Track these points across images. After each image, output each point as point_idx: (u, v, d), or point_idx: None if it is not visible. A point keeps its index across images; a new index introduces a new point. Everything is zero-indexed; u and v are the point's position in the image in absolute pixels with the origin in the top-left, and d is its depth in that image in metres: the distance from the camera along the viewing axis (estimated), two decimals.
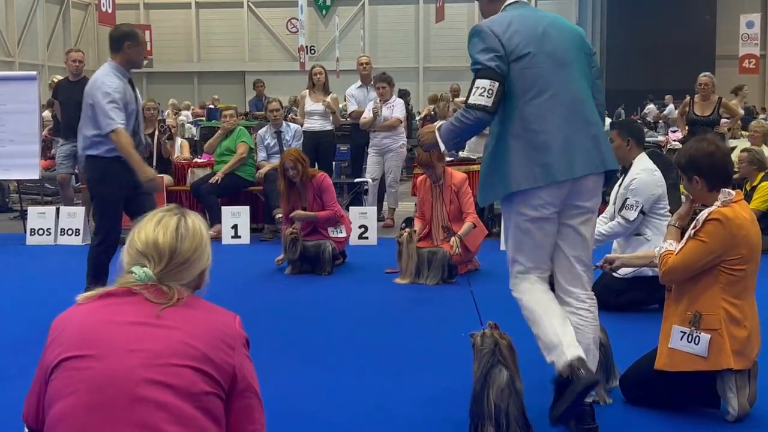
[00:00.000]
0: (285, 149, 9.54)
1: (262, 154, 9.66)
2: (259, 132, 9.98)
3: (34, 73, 10.25)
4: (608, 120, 19.76)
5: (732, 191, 3.70)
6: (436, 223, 7.28)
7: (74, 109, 9.18)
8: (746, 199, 5.89)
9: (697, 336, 3.63)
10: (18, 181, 10.94)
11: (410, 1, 34.25)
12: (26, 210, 9.60)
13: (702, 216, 3.68)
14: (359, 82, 10.69)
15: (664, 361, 3.73)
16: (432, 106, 15.61)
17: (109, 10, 23.40)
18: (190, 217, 2.27)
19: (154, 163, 9.86)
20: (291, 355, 4.79)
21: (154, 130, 9.92)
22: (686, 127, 10.46)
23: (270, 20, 35.02)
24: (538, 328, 3.56)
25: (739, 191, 3.83)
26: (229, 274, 6.80)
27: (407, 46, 34.52)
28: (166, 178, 9.67)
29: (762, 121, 11.58)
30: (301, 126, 10.16)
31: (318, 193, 7.51)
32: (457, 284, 6.79)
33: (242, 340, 2.20)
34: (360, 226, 8.68)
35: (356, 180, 10.35)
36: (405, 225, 7.78)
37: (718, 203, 3.67)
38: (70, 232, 9.13)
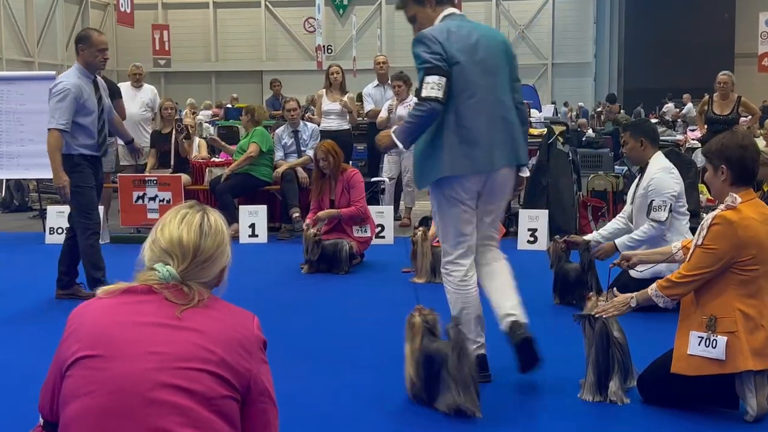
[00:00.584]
0: (302, 149, 9.58)
1: (279, 154, 9.68)
2: (277, 131, 10.00)
3: (54, 73, 10.30)
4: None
5: (738, 197, 3.67)
6: None
7: None
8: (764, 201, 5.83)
9: (714, 339, 3.61)
10: (37, 181, 11.01)
11: None
12: (45, 209, 9.67)
13: (705, 222, 3.67)
14: (376, 81, 10.69)
15: (681, 365, 3.71)
16: None
17: (128, 10, 23.53)
18: (212, 214, 2.27)
19: (172, 162, 9.93)
20: (307, 355, 4.80)
21: (172, 129, 9.97)
22: (705, 126, 10.39)
23: (287, 20, 35.09)
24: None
25: (752, 191, 3.80)
26: (246, 273, 6.82)
27: None
28: (184, 178, 9.72)
29: None
30: (318, 125, 10.17)
31: (347, 187, 7.54)
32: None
33: (260, 344, 2.20)
34: (377, 225, 8.69)
35: (373, 179, 10.35)
36: (420, 224, 7.77)
37: (722, 206, 3.65)
38: None
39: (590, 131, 15.83)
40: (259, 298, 6.09)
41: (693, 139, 12.50)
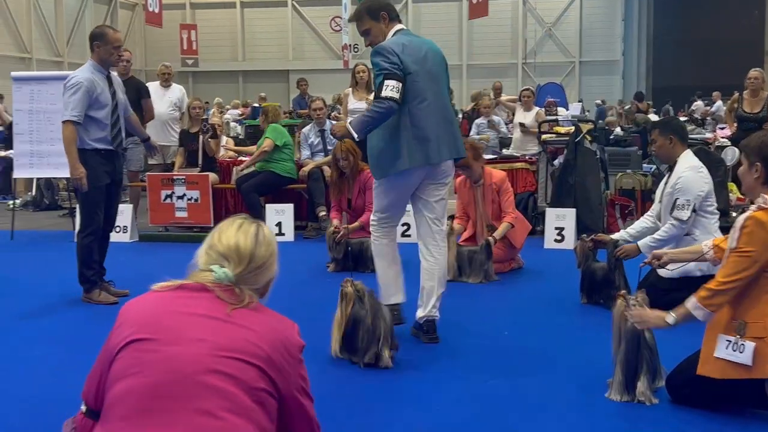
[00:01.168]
0: (329, 148, 9.60)
1: (306, 153, 9.71)
2: (303, 130, 10.02)
3: None
4: (654, 117, 19.51)
5: None
6: (480, 223, 7.24)
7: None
8: None
9: (742, 344, 3.57)
10: (67, 179, 11.11)
11: None
12: (75, 208, 9.76)
13: (737, 224, 3.63)
14: None
15: (707, 368, 3.67)
16: (473, 104, 15.58)
17: (156, 10, 23.71)
18: (265, 227, 2.45)
19: (199, 161, 9.99)
20: (327, 354, 4.81)
21: (200, 128, 10.03)
22: (735, 124, 10.29)
23: (314, 19, 35.15)
24: (383, 271, 5.17)
25: None
26: None
27: (450, 43, 34.38)
28: (212, 176, 9.77)
29: None
30: None
31: (363, 188, 7.54)
32: (500, 283, 6.77)
33: (300, 348, 2.35)
34: (402, 224, 8.67)
35: None
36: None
37: (754, 207, 3.61)
38: (117, 229, 9.19)
39: (618, 129, 15.72)
40: (285, 296, 6.07)
41: (722, 138, 12.35)
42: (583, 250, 5.94)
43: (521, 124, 10.98)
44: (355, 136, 4.79)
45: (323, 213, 9.03)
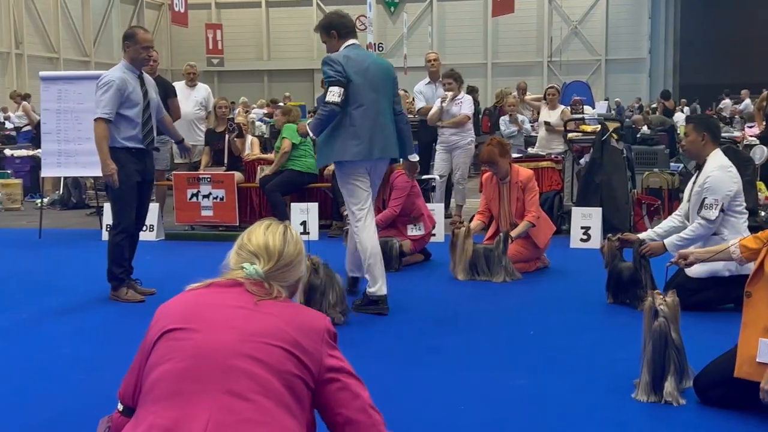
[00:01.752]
0: None
1: None
2: None
3: None
4: (682, 115, 19.35)
5: None
6: (504, 220, 7.21)
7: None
8: None
9: None
10: (94, 178, 11.21)
11: None
12: (102, 206, 9.84)
13: None
14: (427, 79, 10.66)
15: (747, 371, 3.59)
16: (495, 101, 15.54)
17: (182, 10, 23.86)
18: (291, 228, 2.59)
19: (225, 160, 10.04)
20: (350, 353, 4.81)
21: (225, 128, 10.08)
22: (764, 123, 10.17)
23: None
24: (372, 261, 5.68)
25: None
26: None
27: (475, 42, 34.36)
28: (237, 175, 9.81)
29: None
30: None
31: (391, 188, 7.52)
32: (525, 282, 6.74)
33: (330, 334, 2.41)
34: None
35: (424, 177, 10.33)
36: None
37: None
38: (144, 227, 9.31)
39: (645, 128, 15.60)
40: None
41: (751, 136, 12.23)
42: (610, 249, 5.89)
43: (546, 123, 10.92)
44: (311, 135, 5.77)
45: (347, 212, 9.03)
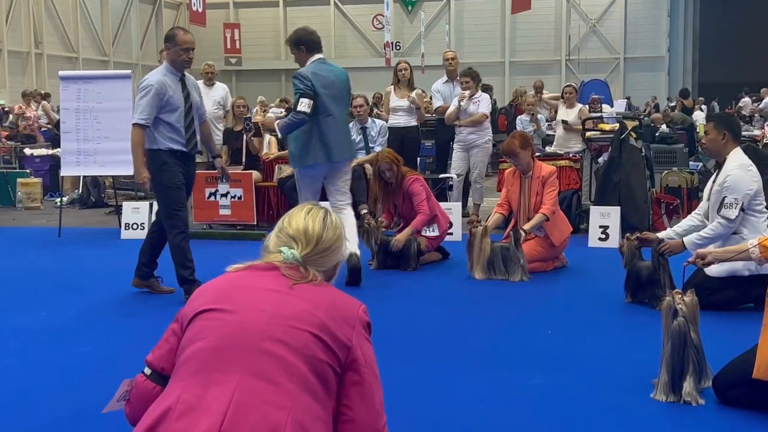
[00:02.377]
0: (370, 145, 9.61)
1: None
2: None
3: (129, 71, 10.54)
4: (701, 114, 19.22)
5: None
6: (523, 215, 7.18)
7: None
8: None
9: None
10: (113, 177, 11.28)
11: None
12: (121, 205, 9.90)
13: None
14: (445, 78, 10.64)
15: (766, 372, 3.56)
16: (512, 100, 15.51)
17: (200, 10, 23.95)
18: (332, 214, 2.59)
19: (243, 159, 10.07)
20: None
21: (243, 127, 10.11)
22: None
23: (356, 17, 35.25)
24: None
25: None
26: None
27: (493, 40, 34.28)
28: (255, 174, 9.84)
29: None
30: (386, 122, 10.18)
31: (406, 194, 7.50)
32: (543, 281, 6.72)
33: (363, 323, 2.41)
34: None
35: (441, 176, 10.33)
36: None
37: None
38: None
39: (664, 126, 15.52)
40: None
41: None
42: (629, 248, 5.86)
43: (564, 122, 10.88)
44: (279, 134, 6.81)
45: (365, 211, 9.03)
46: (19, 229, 10.61)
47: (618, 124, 9.25)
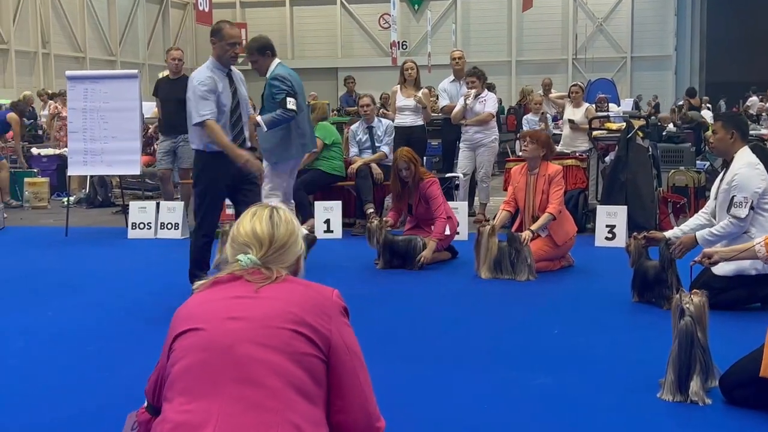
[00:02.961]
0: (377, 145, 9.60)
1: (354, 150, 9.72)
2: (352, 127, 10.03)
3: (136, 71, 10.54)
4: (708, 113, 19.17)
5: None
6: (528, 213, 7.18)
7: (174, 106, 9.45)
8: None
9: None
10: (120, 177, 11.29)
11: None
12: (128, 205, 9.91)
13: None
14: (452, 77, 10.62)
15: None
16: (519, 99, 15.51)
17: (206, 9, 23.93)
18: (280, 209, 2.54)
19: None
20: (370, 351, 4.82)
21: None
22: None
23: (362, 16, 35.22)
24: None
25: None
26: (320, 268, 6.86)
27: (499, 39, 34.22)
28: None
29: None
30: (393, 121, 10.17)
31: (423, 197, 7.49)
32: (550, 280, 6.71)
33: (339, 309, 2.41)
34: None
35: (447, 175, 10.32)
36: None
37: None
38: (169, 226, 9.39)
39: (671, 125, 15.49)
40: None
41: None
42: (637, 248, 5.84)
43: (570, 121, 10.87)
44: (264, 128, 6.94)
45: (371, 210, 9.03)
46: (26, 228, 10.63)
47: (625, 123, 9.23)
